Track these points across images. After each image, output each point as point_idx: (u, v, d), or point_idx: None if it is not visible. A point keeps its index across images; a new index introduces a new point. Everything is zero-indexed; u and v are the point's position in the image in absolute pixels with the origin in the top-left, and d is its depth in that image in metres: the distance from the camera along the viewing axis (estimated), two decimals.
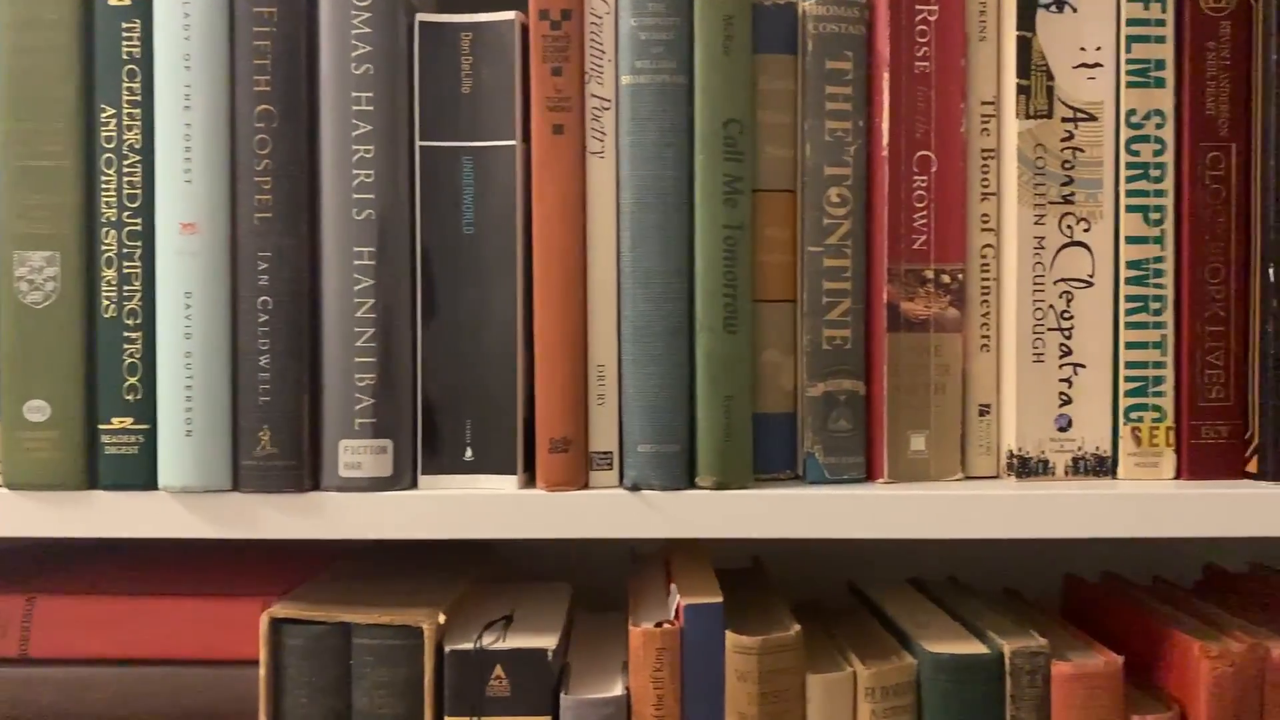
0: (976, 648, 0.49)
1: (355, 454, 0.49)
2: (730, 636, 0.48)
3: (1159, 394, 0.52)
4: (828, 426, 0.51)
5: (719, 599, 0.49)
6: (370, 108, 0.49)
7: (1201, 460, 0.52)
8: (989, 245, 0.53)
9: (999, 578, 0.68)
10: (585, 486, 0.50)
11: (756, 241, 0.51)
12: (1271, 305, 0.50)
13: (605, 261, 0.50)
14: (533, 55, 0.49)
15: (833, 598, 0.65)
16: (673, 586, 0.52)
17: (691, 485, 0.50)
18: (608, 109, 0.50)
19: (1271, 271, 0.50)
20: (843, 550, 0.69)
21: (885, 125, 0.51)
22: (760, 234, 0.51)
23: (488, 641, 0.49)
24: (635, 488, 0.49)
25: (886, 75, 0.51)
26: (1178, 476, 0.52)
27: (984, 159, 0.53)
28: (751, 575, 0.62)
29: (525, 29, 0.50)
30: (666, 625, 0.49)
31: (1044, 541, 0.50)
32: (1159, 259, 0.52)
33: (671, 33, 0.49)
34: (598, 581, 0.64)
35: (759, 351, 0.51)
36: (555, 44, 0.49)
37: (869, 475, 0.52)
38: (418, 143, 0.50)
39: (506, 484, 0.50)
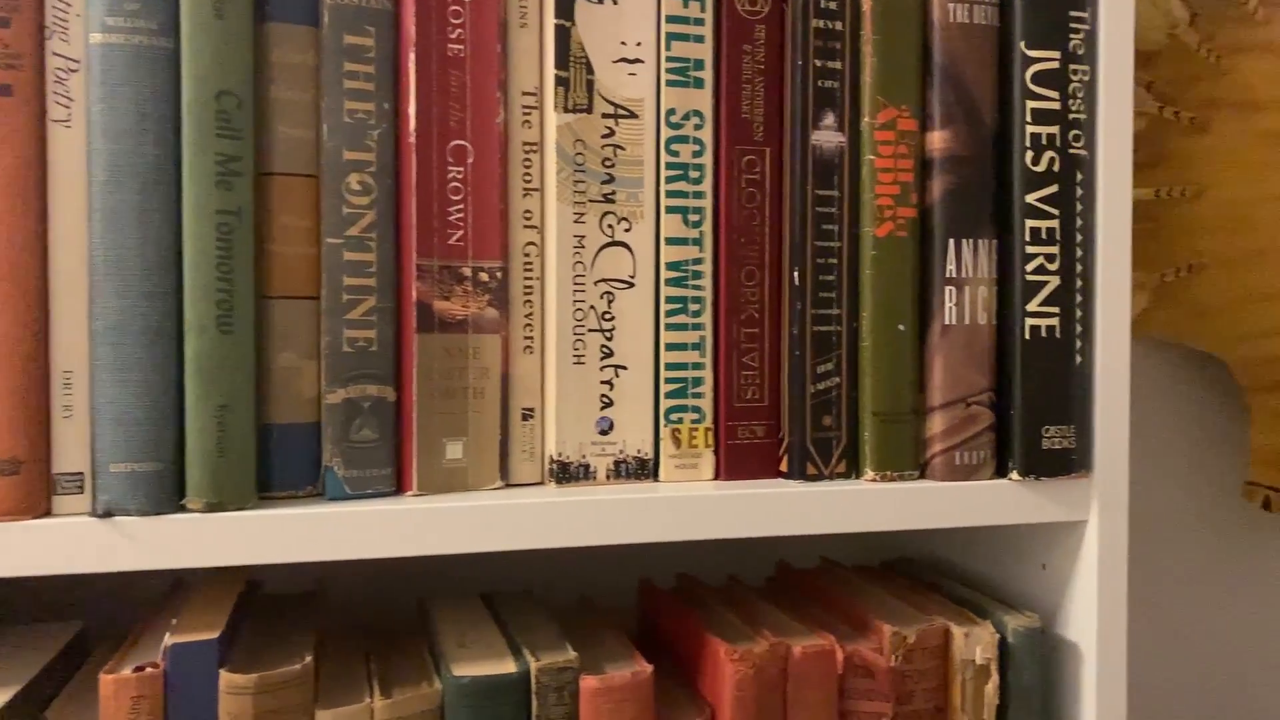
0: (504, 668, 0.47)
1: None
2: (224, 676, 0.43)
3: (698, 395, 0.52)
4: (349, 436, 0.47)
5: (213, 635, 0.44)
6: None
7: (739, 460, 0.52)
8: (532, 243, 0.50)
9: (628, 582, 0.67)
10: (47, 514, 0.42)
11: (269, 230, 0.46)
12: (797, 308, 0.51)
13: (72, 248, 0.43)
14: None
15: (409, 616, 0.61)
16: (174, 622, 0.46)
17: (180, 508, 0.43)
18: (75, 71, 0.42)
19: (797, 275, 0.51)
20: (430, 564, 0.65)
21: (413, 110, 0.47)
22: (274, 222, 0.46)
23: None
24: (107, 514, 0.42)
25: (413, 56, 0.47)
26: (717, 477, 0.52)
27: (526, 152, 0.50)
28: (308, 600, 0.57)
29: None
30: (149, 669, 0.43)
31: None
32: (698, 260, 0.52)
33: None
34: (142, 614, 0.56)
35: (274, 354, 0.46)
36: None
37: (399, 488, 0.48)
38: None
39: None
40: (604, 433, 0.50)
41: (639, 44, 0.51)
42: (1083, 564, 0.53)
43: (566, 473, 0.50)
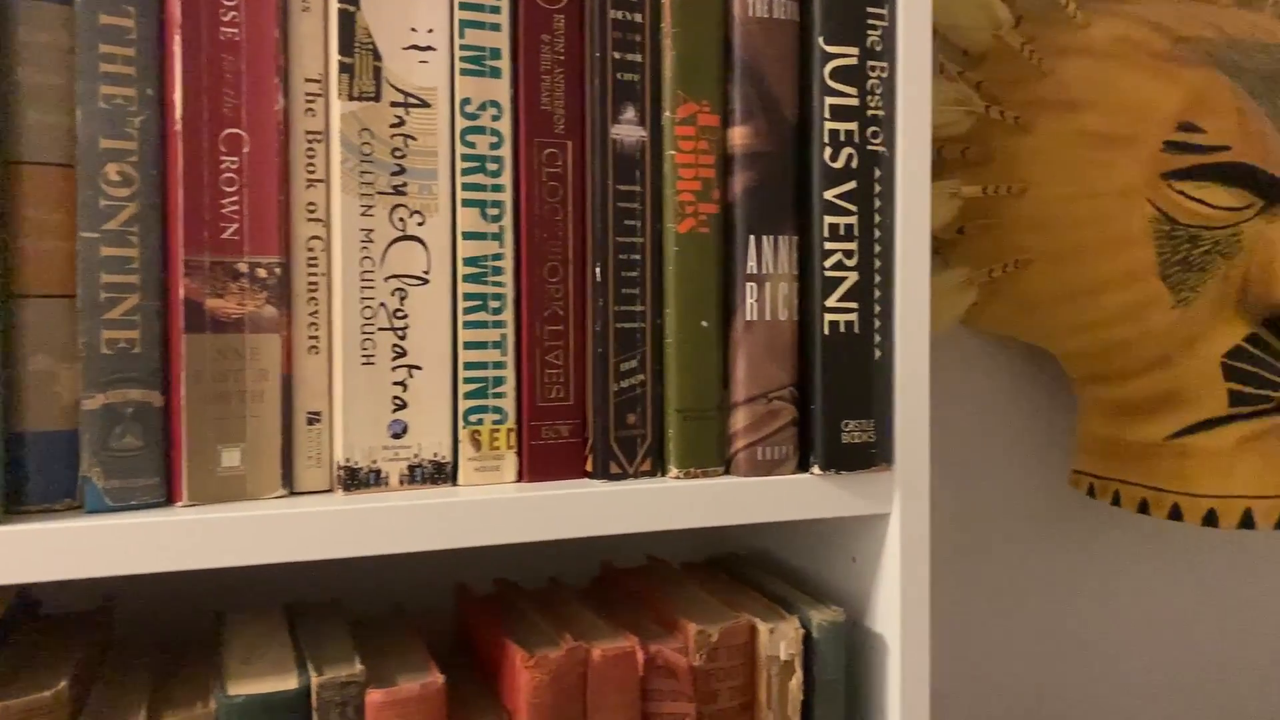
0: (284, 684, 0.44)
1: None
2: None
3: (499, 395, 0.50)
4: (110, 445, 0.44)
5: None
6: None
7: (543, 462, 0.51)
8: (317, 237, 0.48)
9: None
10: None
11: (18, 224, 0.42)
12: (599, 305, 0.50)
13: None
14: None
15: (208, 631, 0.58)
16: None
17: None
18: None
19: (599, 271, 0.50)
20: (236, 576, 0.62)
21: (179, 97, 0.44)
22: (23, 215, 0.43)
23: None
24: None
25: (179, 39, 0.44)
26: (520, 479, 0.51)
27: (309, 142, 0.48)
28: (92, 619, 0.53)
29: None
30: None
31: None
32: (498, 256, 0.50)
33: None
34: None
35: (25, 357, 0.43)
36: None
37: (170, 498, 0.45)
38: None
39: None
40: (397, 436, 0.48)
41: (430, 31, 0.49)
42: (887, 556, 0.54)
43: (355, 479, 0.48)
